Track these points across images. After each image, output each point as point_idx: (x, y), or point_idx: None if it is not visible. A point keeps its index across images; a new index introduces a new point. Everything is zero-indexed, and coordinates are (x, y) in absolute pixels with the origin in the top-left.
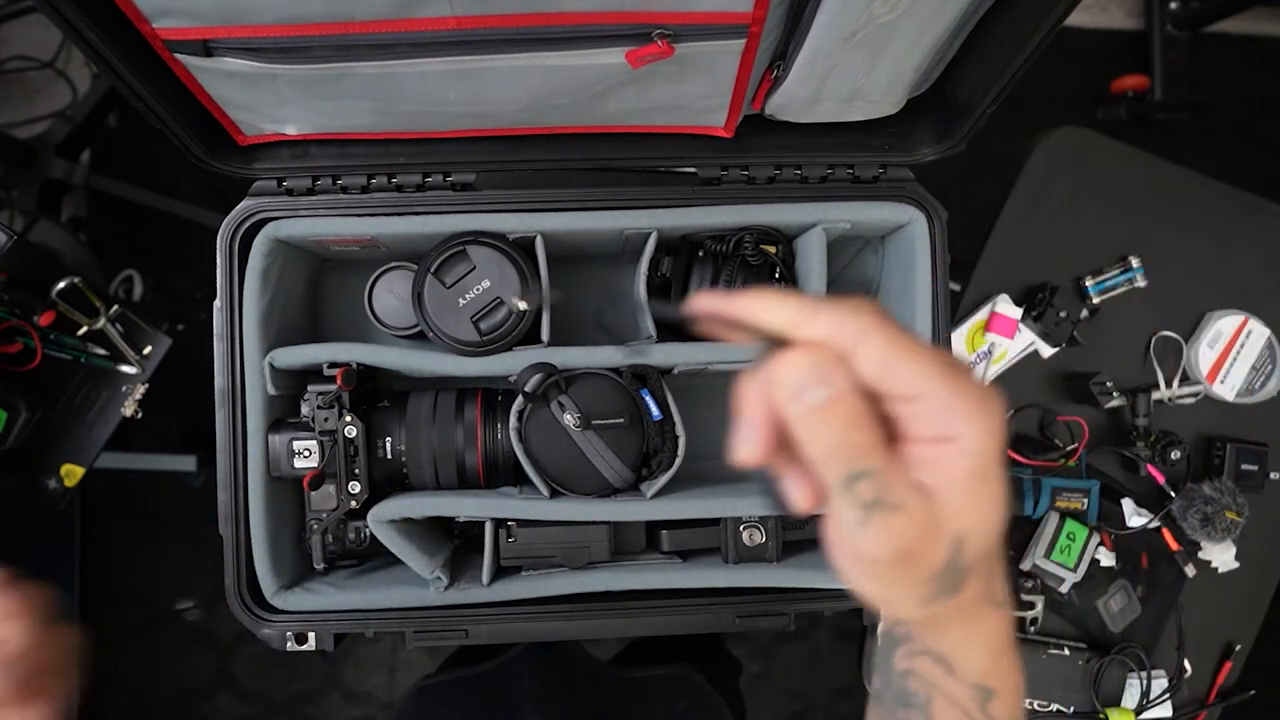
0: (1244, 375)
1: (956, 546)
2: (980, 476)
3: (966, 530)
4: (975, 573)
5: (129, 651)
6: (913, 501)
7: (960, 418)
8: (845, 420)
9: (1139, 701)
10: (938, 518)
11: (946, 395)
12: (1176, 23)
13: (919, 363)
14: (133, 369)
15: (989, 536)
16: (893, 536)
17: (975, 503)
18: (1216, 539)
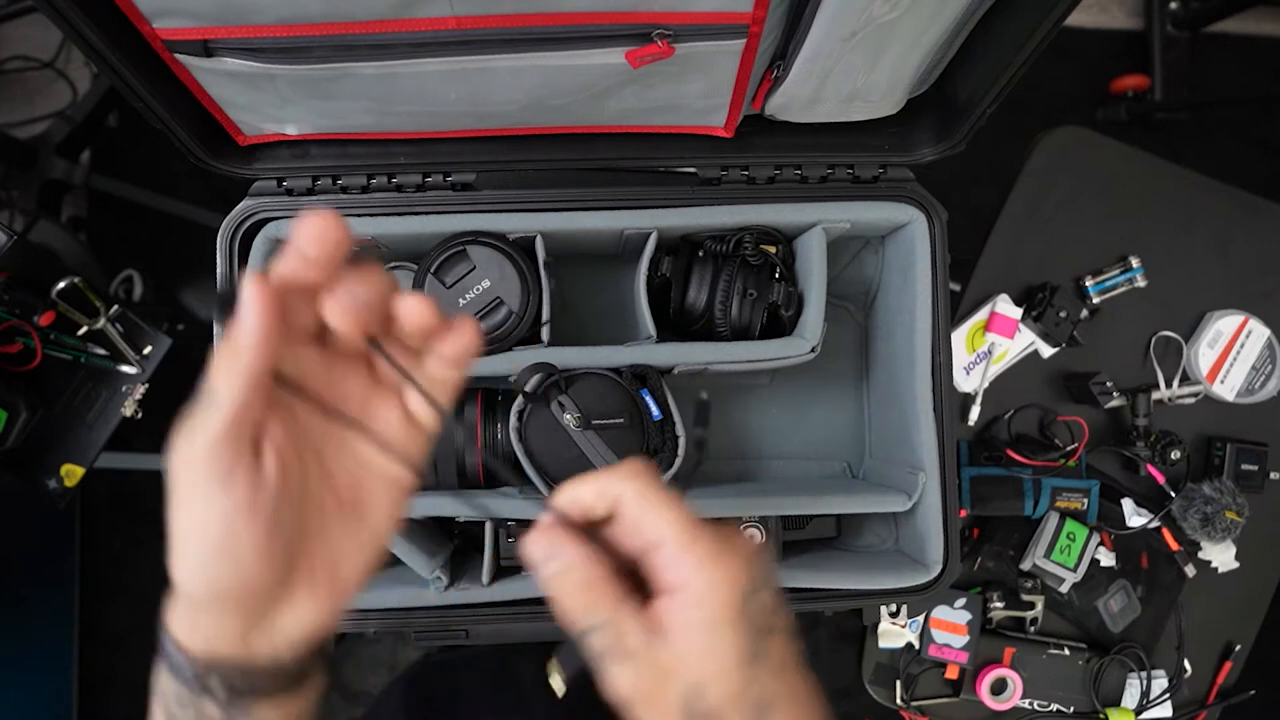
0: (1244, 375)
1: (693, 692)
2: (709, 626)
3: (701, 678)
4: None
5: (129, 651)
6: (642, 650)
7: (690, 567)
8: (575, 584)
9: (1139, 701)
10: (669, 663)
11: (679, 544)
12: (1176, 23)
13: (662, 514)
14: (133, 369)
15: (729, 688)
16: (622, 682)
17: (707, 651)
18: (1216, 539)
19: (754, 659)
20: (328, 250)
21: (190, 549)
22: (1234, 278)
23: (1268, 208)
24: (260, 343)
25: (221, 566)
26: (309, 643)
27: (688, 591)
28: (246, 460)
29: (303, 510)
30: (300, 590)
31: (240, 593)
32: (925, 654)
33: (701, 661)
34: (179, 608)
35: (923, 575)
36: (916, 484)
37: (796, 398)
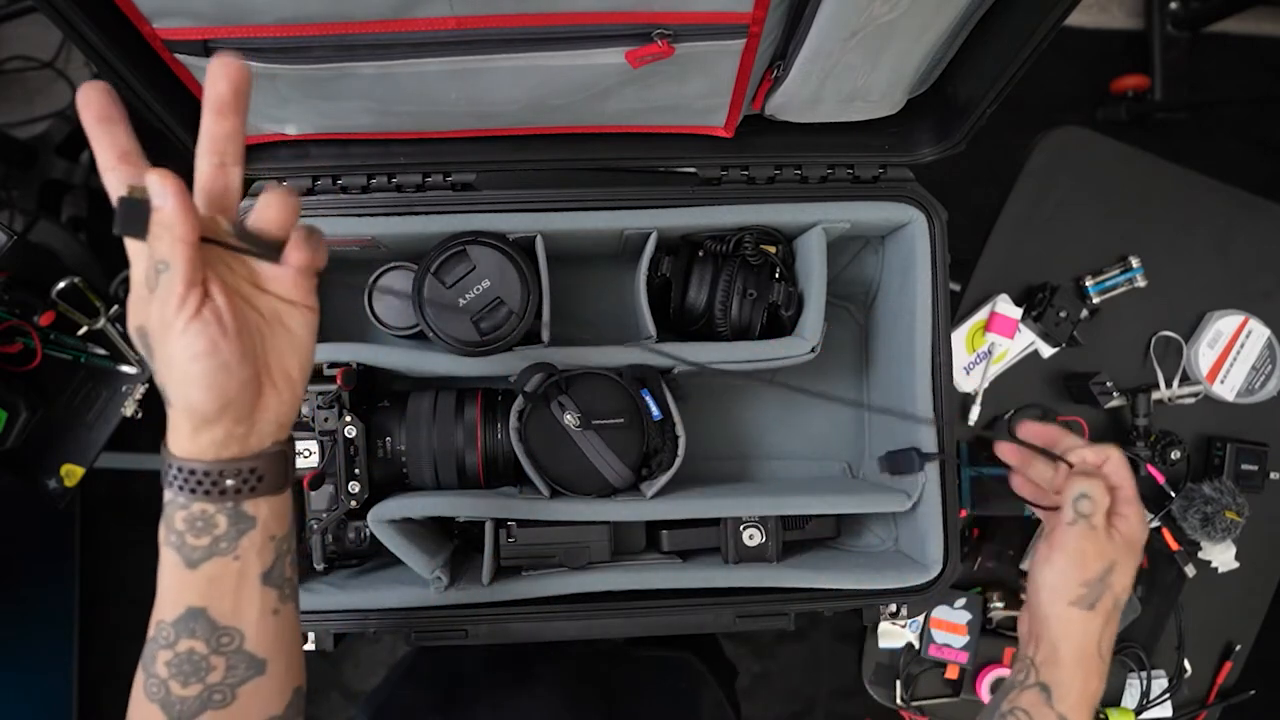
0: (1244, 375)
1: (1109, 567)
2: (1133, 543)
3: (1118, 561)
4: (1105, 605)
5: (129, 651)
6: (1100, 525)
7: (1133, 505)
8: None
9: (1139, 701)
10: (1107, 543)
11: (1131, 491)
12: (1176, 23)
13: (1128, 473)
14: (133, 369)
15: (1125, 582)
16: (1083, 535)
17: (1128, 553)
18: (1216, 539)
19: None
20: (237, 88)
21: (193, 376)
22: (1234, 278)
23: (1268, 208)
24: (184, 214)
25: (222, 379)
26: (280, 439)
27: (1130, 520)
28: (206, 301)
29: (248, 331)
30: (269, 392)
31: (237, 397)
32: (925, 654)
33: (1121, 556)
34: (184, 432)
35: (923, 575)
36: (916, 484)
37: (796, 398)
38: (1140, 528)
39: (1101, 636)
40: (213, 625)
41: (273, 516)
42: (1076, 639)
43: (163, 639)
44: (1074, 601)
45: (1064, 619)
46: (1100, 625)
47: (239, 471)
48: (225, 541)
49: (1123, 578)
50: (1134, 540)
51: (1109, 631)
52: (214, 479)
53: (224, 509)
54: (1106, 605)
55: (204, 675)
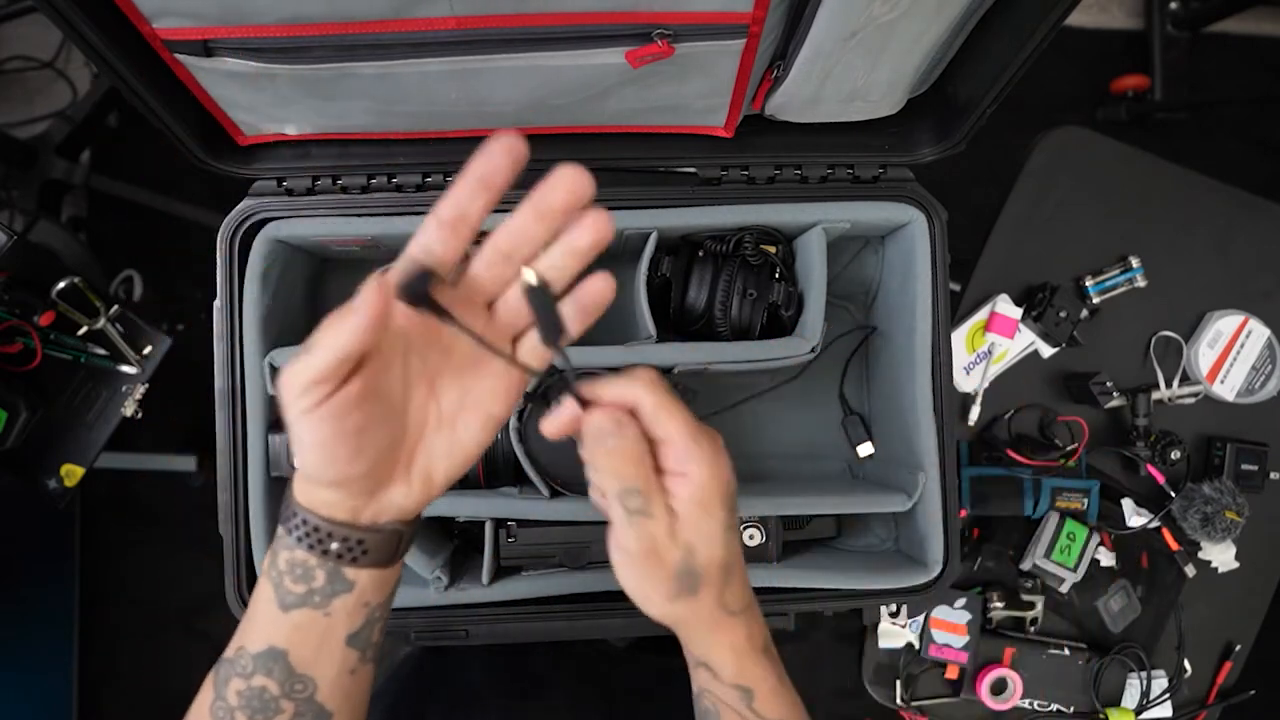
0: (1244, 375)
1: (688, 553)
2: (704, 504)
3: (694, 542)
4: (708, 581)
5: (129, 651)
6: (660, 513)
7: (695, 462)
8: (626, 457)
9: (1139, 701)
10: (676, 529)
11: (685, 444)
12: (1176, 23)
13: (673, 419)
14: (133, 369)
15: (714, 552)
16: (644, 535)
17: (701, 522)
18: (1216, 539)
19: (730, 530)
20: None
21: (301, 449)
22: (1234, 278)
23: (1268, 208)
24: (358, 334)
25: (325, 465)
26: (401, 521)
27: (691, 479)
28: (330, 403)
29: (404, 425)
30: (398, 482)
31: (343, 482)
32: (925, 654)
33: (696, 531)
34: (305, 484)
35: (923, 575)
36: (916, 484)
37: (796, 397)
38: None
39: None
40: (290, 670)
41: (372, 585)
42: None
43: (240, 667)
44: (672, 598)
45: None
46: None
47: (346, 538)
48: (319, 596)
49: (709, 546)
50: (704, 498)
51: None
52: (320, 536)
53: (324, 566)
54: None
55: (271, 715)
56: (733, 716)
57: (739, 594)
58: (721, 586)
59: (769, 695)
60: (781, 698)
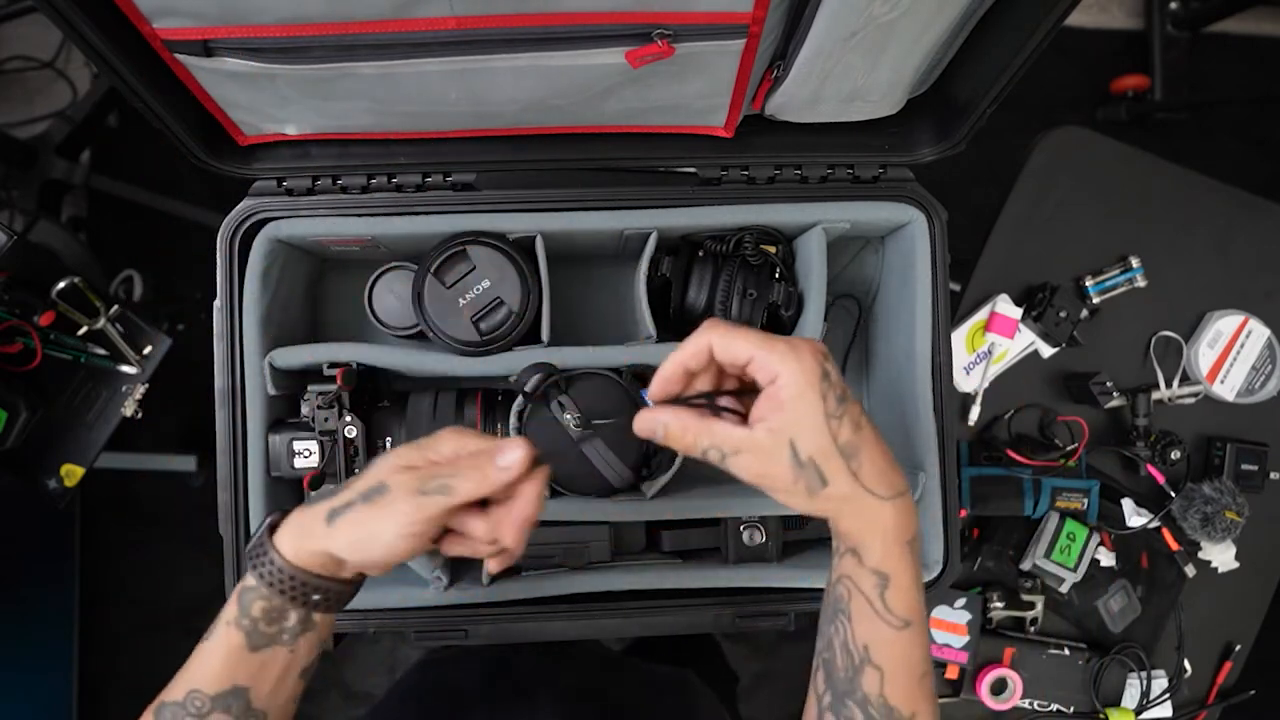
0: (1244, 375)
1: (791, 449)
2: (796, 397)
3: (795, 435)
4: (830, 465)
5: (129, 651)
6: (744, 444)
7: (775, 363)
8: (678, 431)
9: (1139, 701)
10: (770, 438)
11: (764, 354)
12: (1176, 23)
13: (743, 340)
14: (133, 369)
15: (818, 437)
16: (742, 467)
17: (797, 416)
18: (1216, 539)
19: (834, 418)
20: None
21: (364, 545)
22: (1234, 278)
23: (1268, 208)
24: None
25: (379, 562)
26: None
27: (778, 379)
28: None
29: None
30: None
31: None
32: None
33: (797, 423)
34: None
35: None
36: (916, 484)
37: None
38: (792, 368)
39: (860, 483)
40: (248, 706)
41: (327, 623)
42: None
43: (193, 708)
44: (810, 493)
45: (825, 511)
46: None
47: (328, 591)
48: (288, 635)
49: (811, 433)
50: (795, 391)
51: (867, 473)
52: (307, 590)
53: (299, 610)
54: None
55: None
56: (862, 603)
57: (879, 478)
58: (849, 468)
59: (904, 589)
60: (914, 593)
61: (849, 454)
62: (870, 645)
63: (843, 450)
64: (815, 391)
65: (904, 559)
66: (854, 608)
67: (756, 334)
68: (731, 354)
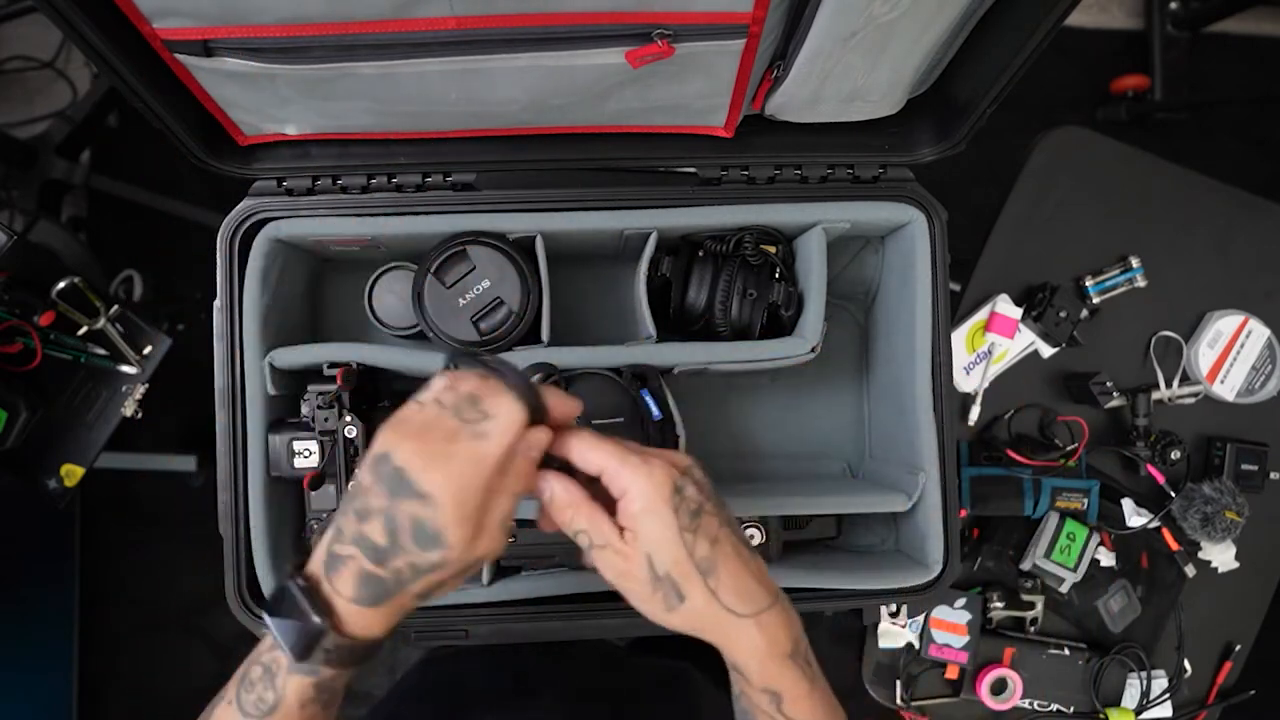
0: (1244, 375)
1: (648, 560)
2: (649, 512)
3: (650, 551)
4: (686, 583)
5: (129, 651)
6: (613, 540)
7: (627, 478)
8: (562, 504)
9: (1139, 701)
10: (631, 546)
11: (615, 465)
12: (1176, 23)
13: (599, 451)
14: (133, 369)
15: (673, 553)
16: (607, 563)
17: (651, 530)
18: (1216, 539)
19: (688, 532)
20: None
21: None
22: (1234, 278)
23: (1268, 208)
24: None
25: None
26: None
27: (630, 493)
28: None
29: None
30: None
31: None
32: (925, 654)
33: (649, 538)
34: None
35: (923, 575)
36: (916, 484)
37: (796, 398)
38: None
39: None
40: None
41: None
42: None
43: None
44: (667, 608)
45: (686, 628)
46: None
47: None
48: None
49: (665, 549)
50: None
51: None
52: (372, 650)
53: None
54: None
55: None
56: (765, 718)
57: (740, 595)
58: (707, 586)
59: (799, 699)
60: (811, 702)
61: (705, 570)
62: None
63: (699, 566)
64: (666, 506)
65: (787, 673)
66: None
67: (612, 447)
68: (585, 464)
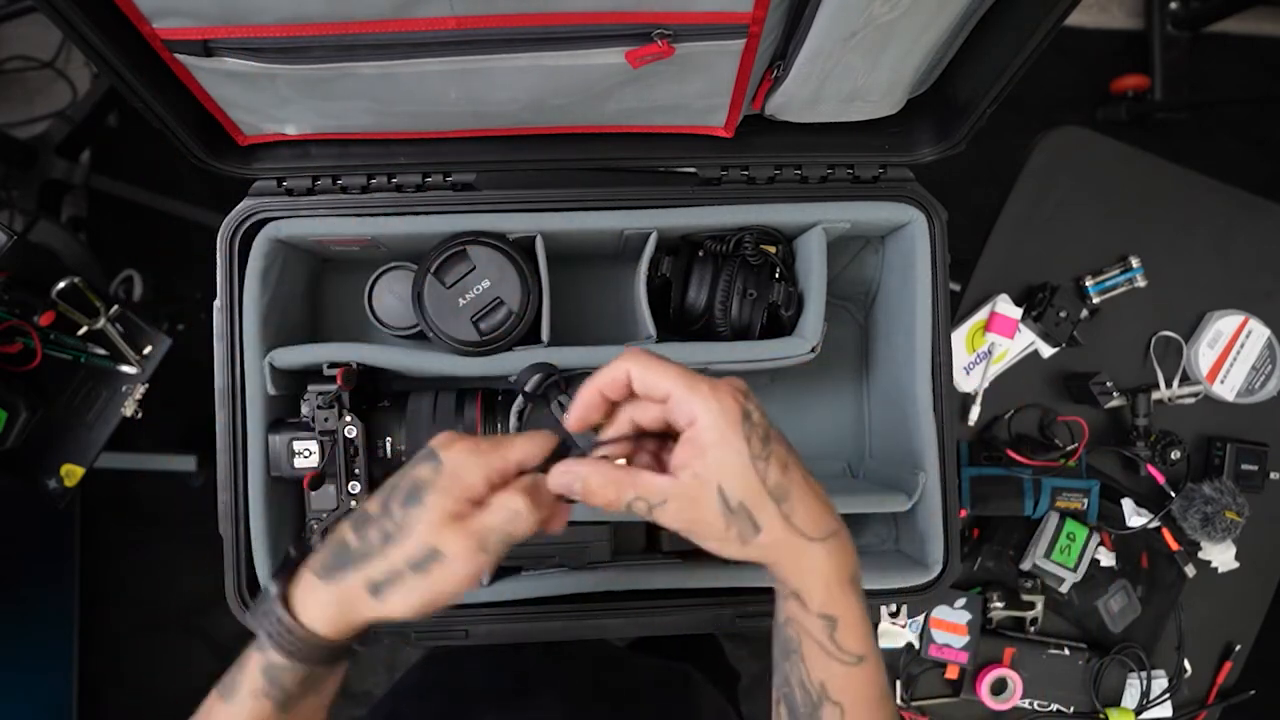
0: (1244, 375)
1: (719, 495)
2: (719, 441)
3: (721, 480)
4: (760, 511)
5: (129, 651)
6: (672, 491)
7: (696, 404)
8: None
9: (1139, 701)
10: (696, 485)
11: (683, 392)
12: (1176, 23)
13: (664, 373)
14: (133, 369)
15: (746, 482)
16: (671, 516)
17: (721, 460)
18: (1216, 539)
19: (760, 459)
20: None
21: (431, 606)
22: (1234, 278)
23: (1268, 208)
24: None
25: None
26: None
27: (699, 420)
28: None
29: None
30: None
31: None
32: (925, 654)
33: (721, 468)
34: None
35: (923, 575)
36: (916, 484)
37: (796, 398)
38: (714, 410)
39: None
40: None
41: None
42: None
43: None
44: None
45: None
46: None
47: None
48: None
49: (737, 478)
50: (718, 435)
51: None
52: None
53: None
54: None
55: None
56: (814, 646)
57: (812, 520)
58: (781, 512)
59: (853, 626)
60: (863, 628)
61: (779, 497)
62: (827, 683)
63: (773, 493)
64: (738, 434)
65: (847, 598)
66: (806, 649)
67: (676, 369)
68: (648, 387)
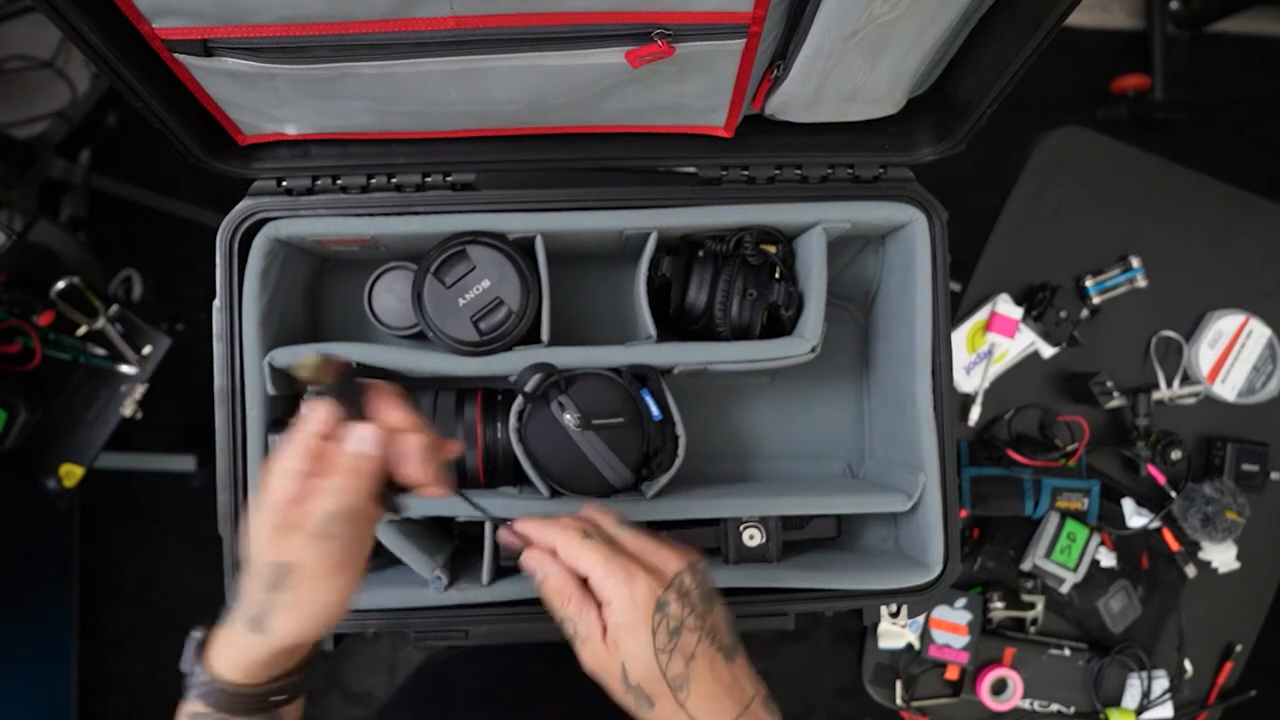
0: (1244, 375)
1: (624, 670)
2: (625, 627)
3: (624, 660)
4: (656, 695)
5: (129, 651)
6: (595, 635)
7: (610, 590)
8: (554, 588)
9: (1139, 702)
10: (604, 652)
11: (599, 578)
12: (1177, 22)
13: (585, 558)
14: (132, 369)
15: (646, 670)
16: (588, 655)
17: (624, 645)
18: (1217, 539)
19: (664, 652)
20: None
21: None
22: (1234, 278)
23: (1268, 208)
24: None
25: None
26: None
27: (612, 605)
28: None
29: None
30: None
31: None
32: (925, 654)
33: (625, 650)
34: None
35: (923, 575)
36: (916, 484)
37: (796, 398)
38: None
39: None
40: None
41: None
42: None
43: None
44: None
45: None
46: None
47: (286, 686)
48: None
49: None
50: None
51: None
52: (267, 698)
53: (267, 715)
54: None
55: None
56: None
57: (709, 707)
58: (676, 700)
59: None
60: None
61: (677, 686)
62: None
63: (671, 683)
64: (645, 626)
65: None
66: None
67: (601, 553)
68: (572, 564)
